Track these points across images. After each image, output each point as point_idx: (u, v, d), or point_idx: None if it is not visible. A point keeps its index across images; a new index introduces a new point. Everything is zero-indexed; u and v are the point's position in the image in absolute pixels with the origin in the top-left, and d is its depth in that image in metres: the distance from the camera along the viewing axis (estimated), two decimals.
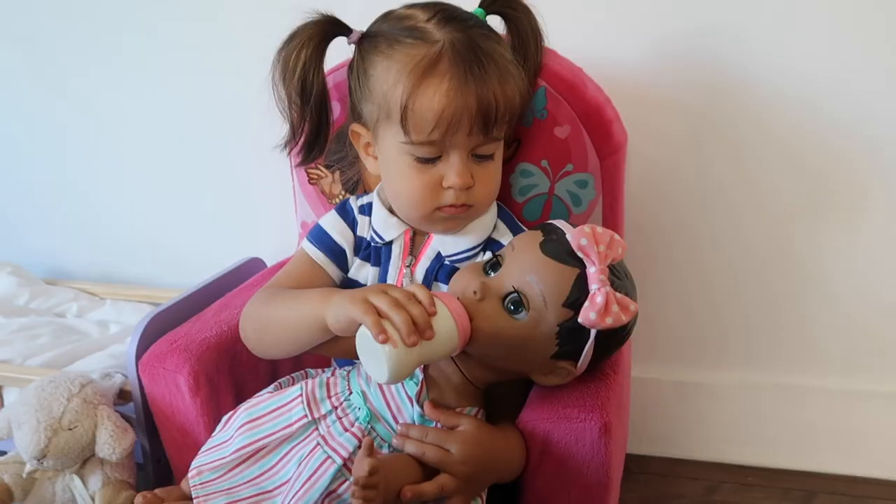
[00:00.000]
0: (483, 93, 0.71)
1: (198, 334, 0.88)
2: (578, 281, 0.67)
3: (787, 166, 1.08)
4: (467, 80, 0.71)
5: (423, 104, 0.71)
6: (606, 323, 0.65)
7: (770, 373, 1.18)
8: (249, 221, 1.30)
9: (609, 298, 0.65)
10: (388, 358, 0.63)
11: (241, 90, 1.20)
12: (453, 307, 0.66)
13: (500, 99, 0.72)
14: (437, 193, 0.76)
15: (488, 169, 0.77)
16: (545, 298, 0.67)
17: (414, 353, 0.63)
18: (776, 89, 1.04)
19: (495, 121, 0.73)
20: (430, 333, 0.64)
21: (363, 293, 0.67)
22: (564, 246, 0.68)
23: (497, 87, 0.72)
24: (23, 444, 0.87)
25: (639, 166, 1.06)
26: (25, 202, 1.43)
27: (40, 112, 1.36)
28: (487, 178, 0.77)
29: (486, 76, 0.72)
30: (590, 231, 0.68)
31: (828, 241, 1.10)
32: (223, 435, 0.77)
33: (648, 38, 1.06)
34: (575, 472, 0.72)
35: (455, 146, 0.74)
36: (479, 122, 0.72)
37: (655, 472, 1.20)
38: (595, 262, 0.66)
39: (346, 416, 0.74)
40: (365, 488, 0.61)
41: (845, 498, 1.12)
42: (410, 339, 0.62)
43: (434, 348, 0.65)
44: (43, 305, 1.29)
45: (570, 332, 0.68)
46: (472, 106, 0.71)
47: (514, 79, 0.75)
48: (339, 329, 0.70)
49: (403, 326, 0.63)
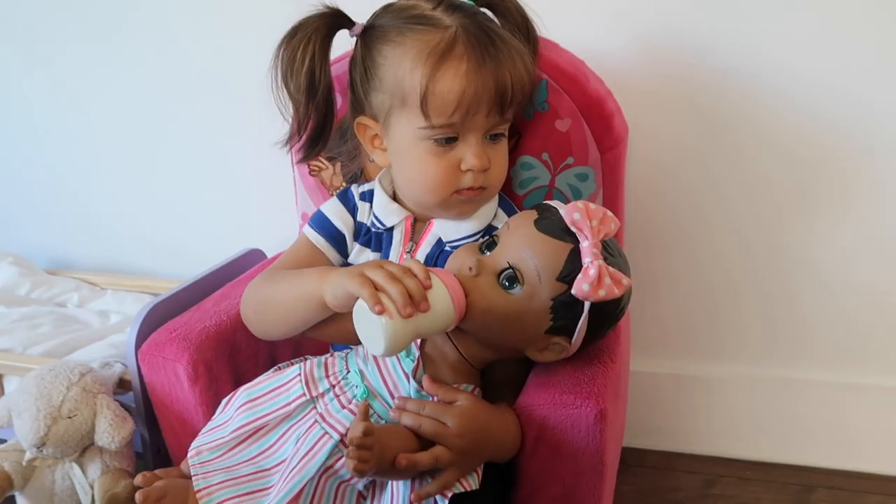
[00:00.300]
0: (500, 73, 0.73)
1: (197, 324, 0.89)
2: (572, 256, 0.68)
3: (782, 163, 1.08)
4: (484, 61, 0.73)
5: (445, 87, 0.72)
6: (599, 295, 0.66)
7: (768, 367, 1.18)
8: (249, 213, 1.31)
9: (602, 271, 0.66)
10: (384, 329, 0.63)
11: (242, 83, 1.21)
12: (449, 281, 0.67)
13: (514, 79, 0.75)
14: (456, 177, 0.76)
15: (499, 151, 0.79)
16: (539, 273, 0.68)
17: (410, 324, 0.64)
18: (775, 86, 1.04)
19: (510, 101, 0.75)
20: (425, 305, 0.65)
21: (359, 268, 0.68)
22: (559, 223, 0.70)
23: (511, 67, 0.74)
24: (22, 432, 0.88)
25: (638, 160, 1.06)
26: (27, 193, 1.44)
27: (42, 104, 1.36)
28: (501, 160, 0.79)
29: (501, 57, 0.74)
30: (583, 206, 0.69)
31: (826, 235, 1.10)
32: (223, 416, 0.78)
33: (651, 31, 1.06)
34: (570, 458, 0.73)
35: (472, 128, 0.75)
36: (497, 102, 0.74)
37: (653, 465, 1.20)
38: (588, 237, 0.68)
39: (343, 393, 0.75)
40: (359, 448, 0.62)
41: (843, 493, 1.12)
42: (406, 311, 0.63)
43: (430, 321, 0.66)
44: (44, 295, 1.29)
45: (564, 305, 0.69)
46: (491, 87, 0.73)
47: (524, 60, 0.77)
48: (336, 305, 0.71)
49: (399, 298, 0.64)
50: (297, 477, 0.70)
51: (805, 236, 1.10)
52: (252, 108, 1.20)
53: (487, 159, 0.76)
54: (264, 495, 0.72)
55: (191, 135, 1.29)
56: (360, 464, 0.62)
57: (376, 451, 0.63)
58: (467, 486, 0.69)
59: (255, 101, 1.24)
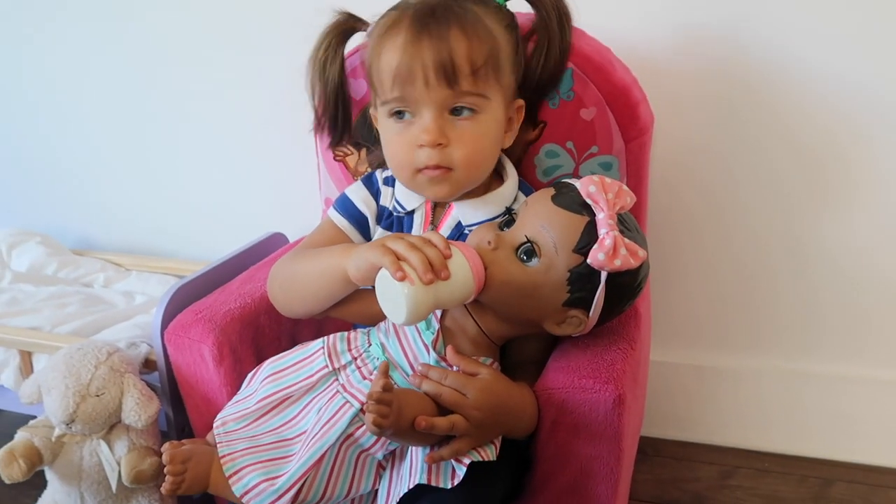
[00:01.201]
0: (438, 45, 0.72)
1: (222, 305, 0.90)
2: (588, 228, 0.69)
3: (797, 157, 1.07)
4: (421, 32, 0.73)
5: (383, 60, 0.75)
6: (615, 265, 0.67)
7: (789, 359, 1.17)
8: (273, 197, 1.32)
9: (617, 241, 0.67)
10: (405, 296, 0.65)
11: (270, 69, 1.22)
12: (468, 253, 0.69)
13: (458, 49, 0.72)
14: (413, 154, 0.76)
15: (468, 129, 0.76)
16: (556, 245, 0.69)
17: (430, 292, 0.65)
18: (795, 80, 1.03)
19: (455, 71, 0.72)
20: (445, 273, 0.66)
21: (381, 240, 0.70)
22: (575, 197, 0.70)
23: (456, 37, 0.73)
24: (52, 408, 0.89)
25: (663, 149, 1.05)
26: (55, 173, 1.45)
27: (67, 85, 1.37)
28: (468, 139, 0.76)
29: (444, 29, 0.73)
30: (598, 180, 0.70)
31: (853, 229, 1.09)
32: (248, 390, 0.80)
33: (681, 19, 1.05)
34: (587, 441, 0.73)
35: (422, 101, 0.74)
36: (436, 73, 0.72)
37: (671, 455, 1.20)
38: (604, 209, 0.68)
39: (365, 365, 0.77)
40: (379, 403, 0.63)
41: (863, 486, 1.12)
42: (427, 277, 0.64)
43: (450, 290, 0.67)
44: (71, 275, 1.31)
45: (580, 277, 0.69)
46: (427, 57, 0.72)
47: (484, 35, 0.75)
48: (359, 278, 0.72)
49: (419, 265, 0.65)
50: (318, 443, 0.72)
51: (826, 230, 1.09)
52: (278, 94, 1.22)
53: (441, 133, 0.75)
54: (286, 462, 0.74)
55: (217, 118, 1.30)
56: (379, 419, 0.63)
57: (395, 408, 0.64)
58: (485, 456, 0.70)
59: (280, 87, 1.26)
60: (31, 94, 1.41)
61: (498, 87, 0.77)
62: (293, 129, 1.10)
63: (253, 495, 0.72)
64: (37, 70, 1.38)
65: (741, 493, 1.12)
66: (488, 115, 0.77)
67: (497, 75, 0.76)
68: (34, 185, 1.48)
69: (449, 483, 0.68)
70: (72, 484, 0.93)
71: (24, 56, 1.38)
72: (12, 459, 0.88)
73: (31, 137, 1.44)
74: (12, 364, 1.07)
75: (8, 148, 1.47)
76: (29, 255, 1.32)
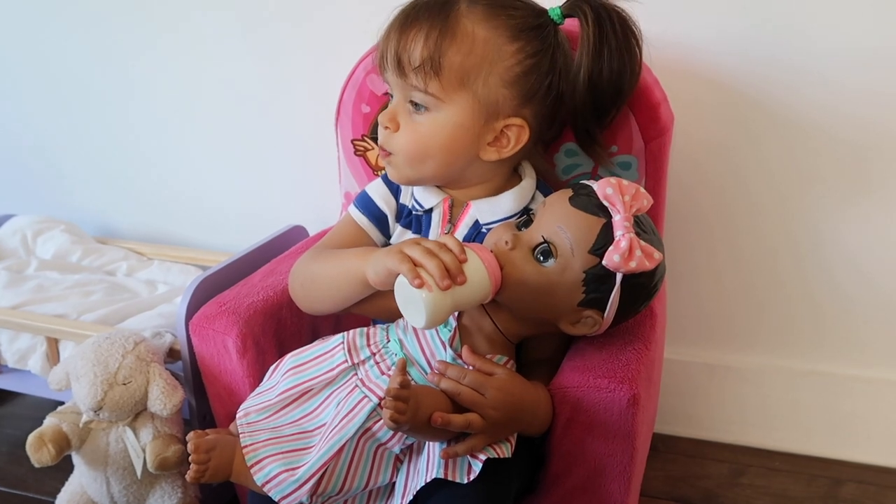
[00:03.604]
0: (402, 38, 0.76)
1: (246, 298, 0.92)
2: (605, 230, 0.70)
3: (826, 154, 1.07)
4: (398, 25, 0.77)
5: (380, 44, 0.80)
6: (630, 266, 0.68)
7: (801, 359, 1.18)
8: (292, 190, 1.33)
9: (633, 243, 0.68)
10: (424, 302, 0.66)
11: (294, 60, 1.23)
12: (484, 255, 0.70)
13: (418, 47, 0.75)
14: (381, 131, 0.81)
15: (416, 123, 0.78)
16: (572, 246, 0.70)
17: (448, 297, 0.67)
18: (821, 77, 1.03)
19: (407, 66, 0.76)
20: (461, 278, 0.68)
21: (398, 246, 0.71)
22: (593, 199, 0.72)
23: (417, 36, 0.75)
24: (80, 395, 0.92)
25: (682, 148, 1.05)
26: (80, 161, 1.47)
27: (98, 74, 1.38)
28: (411, 131, 0.79)
29: (415, 26, 0.75)
30: (615, 182, 0.71)
31: (870, 228, 1.09)
32: (270, 382, 0.82)
33: (704, 17, 1.04)
34: (601, 439, 0.75)
35: (392, 86, 0.80)
36: (393, 62, 0.77)
37: (682, 452, 1.21)
38: (620, 211, 0.70)
39: (383, 361, 0.78)
40: (396, 399, 0.65)
41: (873, 487, 1.12)
42: (443, 283, 0.67)
43: (467, 293, 0.69)
44: (94, 263, 1.32)
45: (596, 278, 0.71)
46: (393, 47, 0.76)
47: (460, 41, 0.75)
48: (378, 282, 0.74)
49: (436, 271, 0.67)
50: (336, 436, 0.74)
51: (853, 228, 1.09)
52: (303, 88, 1.23)
53: (392, 119, 0.79)
54: (306, 453, 0.75)
55: (242, 111, 1.31)
56: (397, 414, 0.65)
57: (412, 405, 0.66)
58: (500, 453, 0.71)
59: (302, 80, 1.27)
60: (56, 84, 1.42)
61: (464, 94, 0.76)
62: (314, 123, 1.11)
63: (274, 484, 0.74)
64: (62, 59, 1.40)
65: (751, 491, 1.13)
66: (443, 116, 0.77)
67: (460, 82, 0.76)
68: (58, 173, 1.50)
69: (465, 478, 0.70)
70: (98, 469, 0.96)
71: (48, 45, 1.39)
72: (42, 444, 0.91)
73: (55, 126, 1.46)
74: (39, 350, 1.10)
75: (32, 136, 1.49)
76: (54, 243, 1.34)
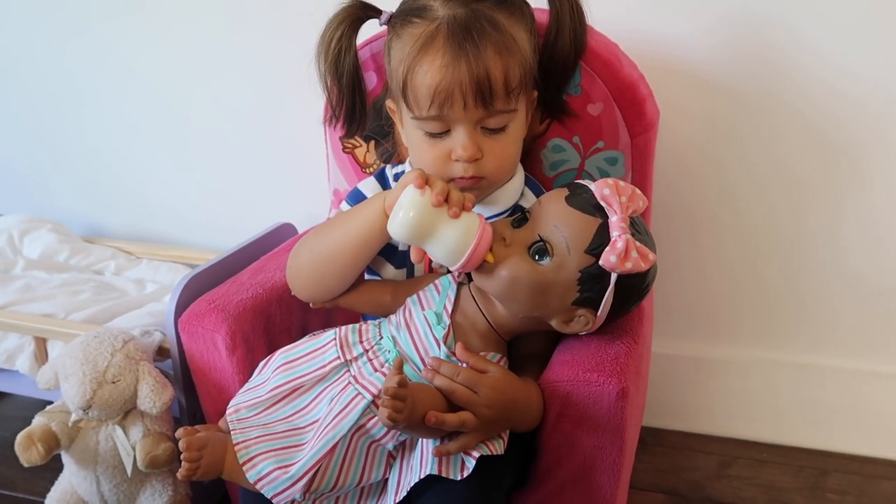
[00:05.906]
0: (475, 67, 0.72)
1: (235, 295, 0.92)
2: (601, 230, 0.71)
3: (811, 150, 1.08)
4: (459, 55, 0.73)
5: (419, 80, 0.74)
6: (626, 267, 0.69)
7: (787, 351, 1.19)
8: (281, 187, 1.33)
9: (629, 244, 0.69)
10: (412, 199, 0.69)
11: (281, 59, 1.23)
12: (484, 225, 0.71)
13: (495, 72, 0.73)
14: (448, 165, 0.78)
15: (499, 142, 0.78)
16: (569, 245, 0.71)
17: (434, 216, 0.70)
18: (808, 72, 1.04)
19: (492, 94, 0.74)
20: (454, 211, 0.70)
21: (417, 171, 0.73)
22: (589, 199, 0.72)
23: (493, 60, 0.73)
24: (69, 394, 0.91)
25: (667, 144, 1.06)
26: (67, 160, 1.46)
27: (81, 73, 1.38)
28: (499, 151, 0.78)
29: (480, 51, 0.73)
30: (612, 183, 0.72)
31: (849, 225, 1.10)
32: (260, 378, 0.82)
33: (690, 15, 1.05)
34: (591, 433, 0.75)
35: (458, 120, 0.76)
36: (473, 95, 0.73)
37: (670, 444, 1.22)
38: (617, 212, 0.70)
39: (376, 357, 0.78)
40: (394, 398, 0.65)
41: (858, 477, 1.14)
42: (437, 199, 0.70)
43: (449, 235, 0.70)
44: (82, 262, 1.32)
45: (591, 277, 0.71)
46: (465, 80, 0.73)
47: (516, 52, 0.75)
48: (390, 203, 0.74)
49: (440, 190, 0.70)
50: (330, 433, 0.74)
51: (832, 222, 1.11)
52: (290, 85, 1.23)
53: (478, 149, 0.77)
54: (298, 451, 0.75)
55: (228, 109, 1.31)
56: (394, 413, 0.65)
57: (409, 403, 0.66)
58: (493, 450, 0.72)
59: (292, 79, 1.26)
60: (44, 83, 1.41)
61: (525, 97, 0.80)
62: (302, 120, 1.11)
63: (267, 482, 0.74)
64: (50, 59, 1.39)
65: (739, 482, 1.14)
66: (516, 123, 0.79)
67: (528, 89, 0.79)
68: (45, 173, 1.49)
69: (459, 475, 0.70)
70: (88, 468, 0.95)
71: (37, 45, 1.39)
72: (31, 444, 0.91)
73: (41, 125, 1.45)
74: (27, 350, 1.09)
75: (19, 135, 1.48)
76: (41, 242, 1.34)
